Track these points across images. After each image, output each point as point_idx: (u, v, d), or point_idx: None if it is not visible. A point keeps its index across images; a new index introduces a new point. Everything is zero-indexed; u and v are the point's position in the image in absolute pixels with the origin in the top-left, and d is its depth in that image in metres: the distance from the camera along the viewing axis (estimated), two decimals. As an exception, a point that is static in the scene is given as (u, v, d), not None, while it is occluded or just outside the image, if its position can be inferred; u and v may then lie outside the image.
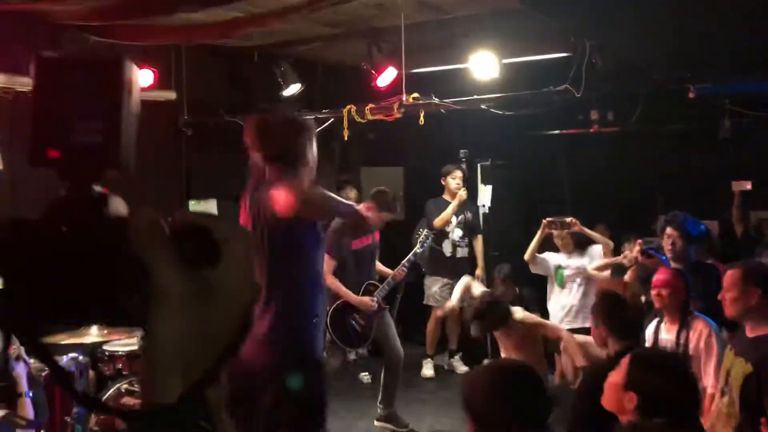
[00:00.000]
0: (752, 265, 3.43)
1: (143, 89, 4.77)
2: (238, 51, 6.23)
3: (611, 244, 5.58)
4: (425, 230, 5.67)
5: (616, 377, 2.41)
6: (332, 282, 4.99)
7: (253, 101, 6.47)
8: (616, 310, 3.54)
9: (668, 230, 4.90)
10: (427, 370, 6.87)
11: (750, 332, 3.20)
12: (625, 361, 2.44)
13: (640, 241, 5.15)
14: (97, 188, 0.81)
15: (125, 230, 0.75)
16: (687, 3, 3.85)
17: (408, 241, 6.30)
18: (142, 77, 5.59)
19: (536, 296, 6.11)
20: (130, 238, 0.74)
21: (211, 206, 6.43)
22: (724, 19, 4.27)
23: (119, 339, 4.12)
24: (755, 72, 4.81)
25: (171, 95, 5.96)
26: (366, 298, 5.12)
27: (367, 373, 6.52)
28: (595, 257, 5.57)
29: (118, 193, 0.81)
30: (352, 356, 6.57)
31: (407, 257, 5.44)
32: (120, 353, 4.19)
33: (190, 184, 6.35)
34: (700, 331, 3.81)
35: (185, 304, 0.70)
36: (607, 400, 2.43)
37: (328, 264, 4.91)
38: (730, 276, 3.24)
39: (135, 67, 0.90)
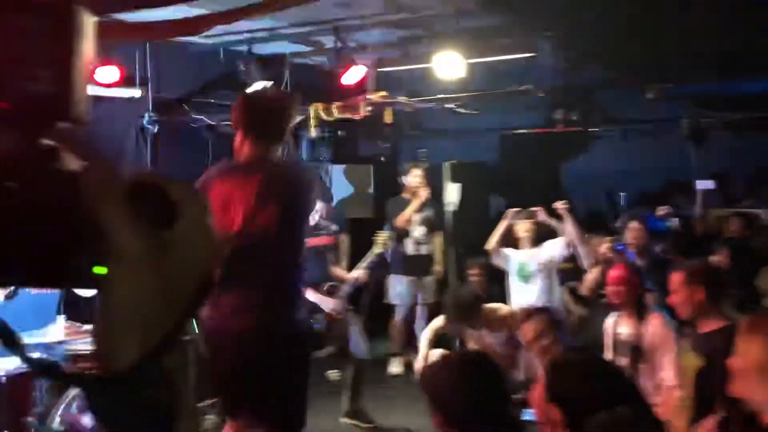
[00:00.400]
0: (694, 265, 3.53)
1: (108, 86, 4.69)
2: (204, 48, 6.20)
3: (576, 230, 5.59)
4: (385, 232, 5.68)
5: (538, 391, 2.28)
6: None
7: (219, 98, 6.44)
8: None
9: (633, 224, 5.03)
10: (394, 367, 6.90)
11: (701, 328, 3.30)
12: (542, 374, 2.33)
13: (610, 239, 5.24)
14: (47, 141, 0.75)
15: (78, 186, 0.70)
16: (647, 7, 3.94)
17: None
18: (108, 74, 5.53)
19: (499, 293, 6.16)
20: (83, 194, 0.70)
21: (177, 204, 6.38)
22: (683, 23, 4.37)
23: (83, 338, 4.08)
24: (713, 74, 4.94)
25: (136, 92, 5.90)
26: (329, 300, 5.10)
27: (336, 371, 6.53)
28: (555, 251, 5.63)
29: (69, 147, 0.75)
30: (320, 354, 6.58)
31: (367, 260, 5.43)
32: (84, 352, 4.14)
33: (155, 182, 6.30)
34: (655, 324, 3.92)
35: (142, 263, 0.68)
36: (537, 415, 2.36)
37: None
38: (674, 279, 3.32)
39: (89, 14, 0.83)
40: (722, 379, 2.94)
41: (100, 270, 0.70)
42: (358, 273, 5.35)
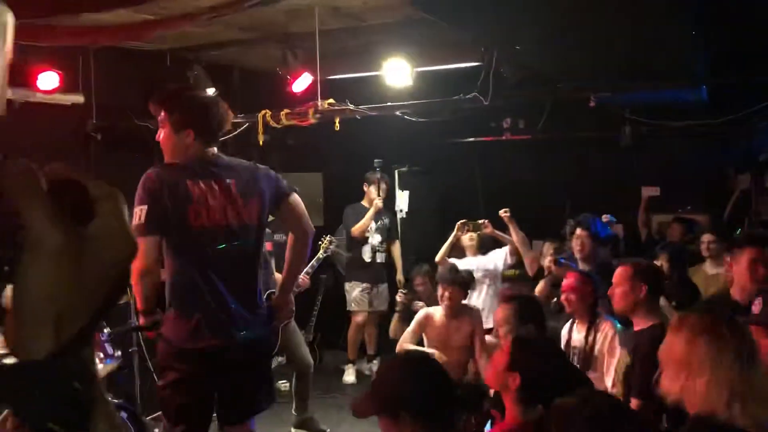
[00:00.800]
0: (641, 263, 3.64)
1: (49, 92, 4.55)
2: (149, 54, 6.08)
3: (520, 236, 5.73)
4: (329, 236, 5.68)
5: (500, 358, 2.55)
6: None
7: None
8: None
9: (578, 231, 5.14)
10: (349, 376, 6.89)
11: (636, 326, 3.43)
12: (507, 343, 2.57)
13: (552, 251, 5.33)
14: None
15: None
16: (587, 15, 4.03)
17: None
18: (48, 80, 5.38)
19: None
20: (1, 187, 0.70)
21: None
22: (622, 31, 4.49)
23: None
24: (651, 82, 5.09)
25: (78, 98, 5.75)
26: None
27: (285, 381, 6.47)
28: (499, 260, 5.76)
29: None
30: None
31: (310, 263, 5.42)
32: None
33: (99, 191, 6.13)
34: (606, 333, 3.99)
35: (58, 257, 0.68)
36: (492, 380, 2.56)
37: None
38: (620, 272, 3.44)
39: (10, 12, 0.83)
40: (642, 373, 3.06)
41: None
42: (299, 278, 5.33)
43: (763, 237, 3.66)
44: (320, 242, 5.65)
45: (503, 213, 5.60)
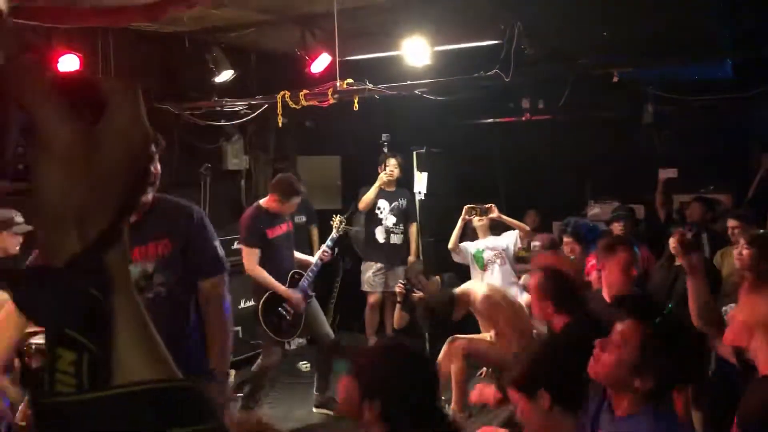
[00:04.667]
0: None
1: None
2: (168, 36, 6.08)
3: (527, 228, 5.82)
4: (338, 216, 5.70)
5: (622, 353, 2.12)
6: (260, 273, 4.94)
7: (183, 88, 6.33)
8: (563, 286, 3.65)
9: (565, 238, 5.16)
10: (367, 355, 6.92)
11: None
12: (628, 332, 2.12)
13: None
14: None
15: (2, 77, 0.67)
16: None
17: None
18: (69, 63, 5.40)
19: (459, 282, 6.20)
20: (8, 85, 0.67)
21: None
22: (647, 5, 4.42)
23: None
24: (676, 58, 5.01)
25: (99, 81, 5.77)
26: (297, 296, 5.08)
27: (305, 362, 6.50)
28: (510, 241, 5.76)
29: None
30: (292, 346, 6.54)
31: (326, 242, 5.45)
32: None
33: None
34: None
35: (69, 155, 0.64)
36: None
37: (251, 254, 4.89)
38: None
39: None
40: None
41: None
42: (319, 254, 5.36)
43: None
44: (331, 222, 5.68)
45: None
